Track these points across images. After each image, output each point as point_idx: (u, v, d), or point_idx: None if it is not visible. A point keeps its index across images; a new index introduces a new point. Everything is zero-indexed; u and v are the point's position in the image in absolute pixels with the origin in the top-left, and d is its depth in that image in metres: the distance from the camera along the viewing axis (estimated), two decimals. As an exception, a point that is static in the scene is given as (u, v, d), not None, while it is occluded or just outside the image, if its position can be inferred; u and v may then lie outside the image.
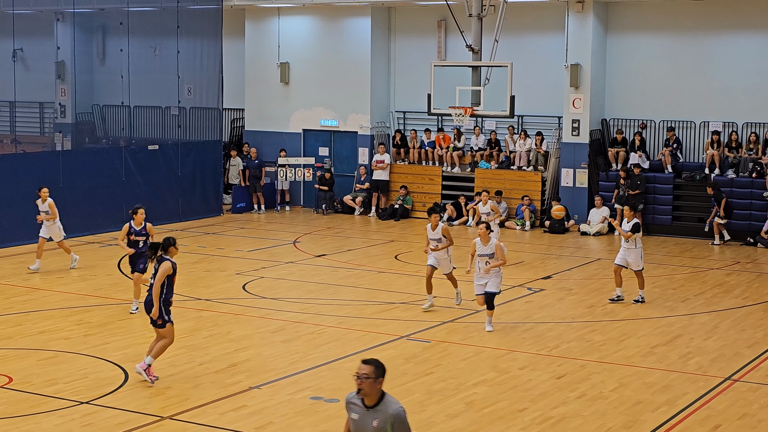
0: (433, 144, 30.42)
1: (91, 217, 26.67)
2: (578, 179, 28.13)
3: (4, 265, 23.06)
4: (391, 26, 31.05)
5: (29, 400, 13.31)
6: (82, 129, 33.35)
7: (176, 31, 29.09)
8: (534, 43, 28.59)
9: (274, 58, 31.73)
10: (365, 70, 30.64)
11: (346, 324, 17.71)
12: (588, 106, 27.76)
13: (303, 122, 31.87)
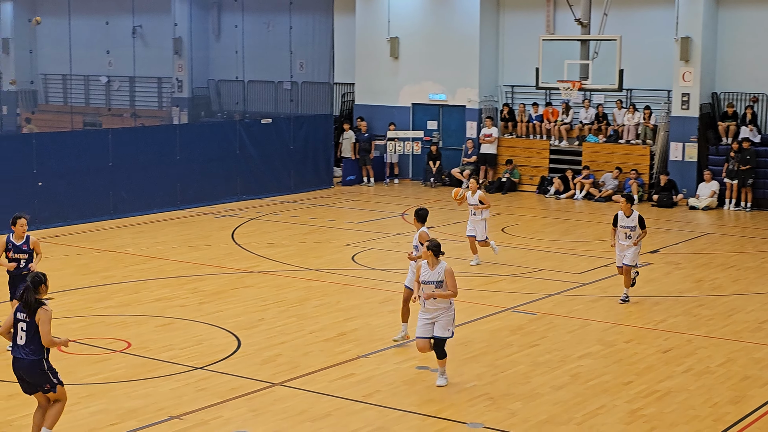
0: (541, 118, 30.93)
1: (206, 188, 27.45)
2: (687, 153, 28.45)
3: (124, 235, 23.70)
4: (500, 1, 31.58)
5: (147, 365, 13.78)
6: (198, 103, 34.23)
7: (289, 7, 29.81)
8: (643, 16, 28.83)
9: (384, 33, 32.32)
10: (474, 45, 31.13)
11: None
12: (698, 80, 28.07)
13: (412, 96, 32.47)
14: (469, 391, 12.78)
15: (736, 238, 23.92)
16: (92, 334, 15.29)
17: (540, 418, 11.73)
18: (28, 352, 9.89)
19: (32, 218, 23.47)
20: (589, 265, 20.20)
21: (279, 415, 11.94)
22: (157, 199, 26.34)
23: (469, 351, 14.54)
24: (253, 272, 19.68)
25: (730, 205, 27.88)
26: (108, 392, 12.73)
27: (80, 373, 13.39)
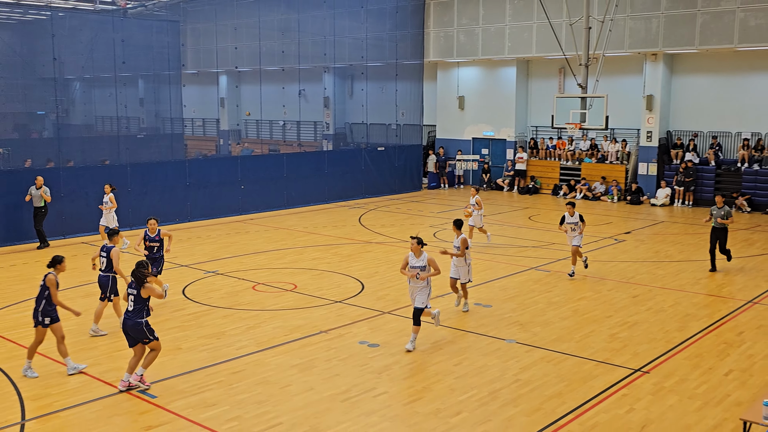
0: (555, 147, 30.75)
1: (343, 190, 27.86)
2: (650, 170, 28.01)
3: (292, 219, 23.95)
4: (529, 72, 31.38)
5: (306, 299, 14.14)
6: (338, 137, 34.59)
7: (395, 77, 30.09)
8: (621, 81, 28.44)
9: (455, 93, 32.43)
10: (511, 100, 31.05)
11: (495, 258, 17.92)
12: (657, 122, 27.70)
13: (472, 133, 32.40)
14: (506, 320, 13.09)
15: (681, 225, 23.59)
16: (273, 280, 15.66)
17: (552, 338, 12.11)
18: (132, 315, 9.45)
19: (236, 207, 24.45)
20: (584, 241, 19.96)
21: (387, 332, 12.34)
22: (313, 197, 26.98)
23: (506, 294, 14.74)
24: (371, 243, 19.99)
25: (678, 203, 27.47)
26: (283, 315, 13.24)
27: (266, 303, 13.95)
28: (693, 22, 25.83)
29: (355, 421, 8.90)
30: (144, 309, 9.48)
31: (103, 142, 29.68)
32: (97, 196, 21.03)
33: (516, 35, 29.92)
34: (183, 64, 33.77)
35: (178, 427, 8.72)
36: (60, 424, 8.78)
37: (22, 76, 33.51)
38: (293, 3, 28.75)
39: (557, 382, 10.15)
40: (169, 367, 10.60)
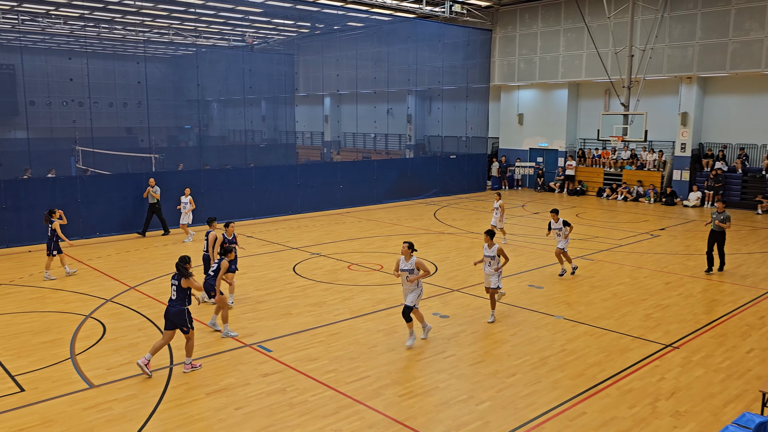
0: (600, 156, 29.74)
1: (420, 189, 27.69)
2: (683, 176, 26.75)
3: (380, 212, 23.86)
4: (578, 93, 30.46)
5: (390, 278, 12.85)
6: (418, 147, 34.23)
7: (465, 98, 29.75)
8: (659, 100, 27.27)
9: (515, 111, 31.76)
10: (563, 117, 30.20)
11: (547, 249, 17.28)
12: (691, 136, 26.41)
13: (529, 144, 31.66)
14: (555, 299, 12.76)
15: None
16: (364, 261, 15.72)
17: (594, 315, 11.71)
18: (175, 303, 8.87)
19: (335, 203, 24.80)
20: (624, 235, 19.51)
21: (456, 306, 12.26)
22: (397, 195, 26.99)
23: (555, 279, 14.36)
24: (444, 233, 19.81)
25: (707, 205, 26.07)
26: (371, 290, 13.29)
27: (358, 280, 14.06)
28: (725, 49, 24.52)
29: (428, 377, 8.91)
30: (186, 298, 8.92)
31: (234, 150, 30.65)
32: (231, 193, 21.78)
33: (568, 62, 29.14)
34: (296, 88, 34.59)
35: (288, 375, 8.94)
36: (199, 369, 9.15)
37: (174, 98, 35.00)
38: (384, 38, 28.88)
39: (598, 352, 9.85)
40: (282, 327, 10.88)
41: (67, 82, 28.08)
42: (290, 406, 8.00)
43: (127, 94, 34.97)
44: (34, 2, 25.39)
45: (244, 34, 32.36)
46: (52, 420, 7.58)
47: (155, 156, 25.38)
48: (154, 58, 36.61)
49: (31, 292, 13.02)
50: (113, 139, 31.03)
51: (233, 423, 7.58)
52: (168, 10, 27.22)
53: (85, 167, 23.95)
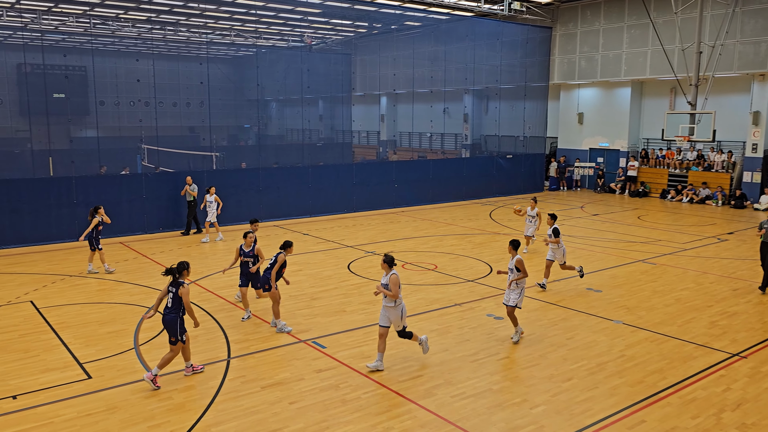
0: (664, 156, 28.80)
1: (478, 190, 27.37)
2: (754, 178, 25.60)
3: (435, 212, 23.70)
4: (642, 91, 29.55)
5: (444, 278, 14.09)
6: (475, 146, 34.17)
7: (524, 97, 29.30)
8: (729, 99, 26.23)
9: (575, 110, 31.11)
10: (625, 115, 29.36)
11: (606, 251, 16.92)
12: (763, 136, 25.22)
13: (589, 144, 30.97)
14: (614, 303, 12.46)
15: (782, 228, 21.22)
16: (418, 260, 15.74)
17: (656, 321, 11.41)
18: (169, 311, 8.48)
19: (390, 202, 24.87)
20: (688, 239, 18.79)
21: (509, 307, 12.06)
22: (453, 195, 26.82)
23: (615, 282, 14.03)
24: (500, 234, 19.46)
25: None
26: (425, 289, 13.27)
27: (412, 279, 14.06)
28: (801, 45, 23.33)
29: (481, 379, 8.84)
30: (181, 307, 8.47)
31: (292, 149, 31.16)
32: (288, 191, 22.16)
33: (631, 60, 28.29)
34: (353, 88, 34.90)
35: (341, 372, 9.03)
36: (254, 363, 9.37)
37: (234, 98, 35.91)
38: (441, 37, 28.78)
39: (659, 359, 9.54)
40: (336, 324, 11.00)
41: (135, 83, 29.18)
42: (343, 403, 8.08)
43: (190, 94, 36.09)
44: (105, 7, 26.52)
45: (302, 34, 32.84)
46: (116, 407, 7.90)
47: (216, 154, 26.09)
48: (216, 58, 37.61)
49: (98, 284, 13.61)
50: (176, 137, 32.09)
51: (287, 417, 7.71)
52: (230, 12, 27.92)
53: (152, 165, 24.84)
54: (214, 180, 20.46)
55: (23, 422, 7.51)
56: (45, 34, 27.36)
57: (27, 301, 12.24)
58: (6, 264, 15.35)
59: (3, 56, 30.73)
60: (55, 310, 11.68)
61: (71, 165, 19.76)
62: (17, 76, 31.13)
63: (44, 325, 10.89)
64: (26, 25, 26.88)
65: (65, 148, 22.52)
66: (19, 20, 26.90)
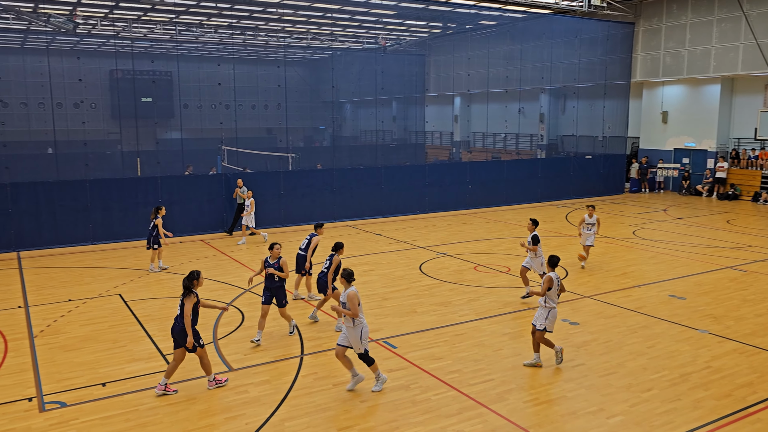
0: (757, 157, 27.17)
1: (553, 191, 26.72)
2: None
3: (510, 214, 23.37)
4: (733, 88, 28.01)
5: (517, 281, 13.43)
6: (550, 147, 33.46)
7: (603, 96, 28.45)
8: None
9: (659, 109, 29.90)
10: (714, 114, 27.92)
11: (692, 256, 16.19)
12: None
13: (673, 144, 29.66)
14: (700, 312, 11.90)
15: None
16: (491, 263, 15.59)
17: (746, 332, 10.84)
18: (179, 320, 8.26)
19: (463, 203, 24.65)
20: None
21: (586, 313, 11.79)
22: (527, 196, 26.35)
23: (701, 289, 13.38)
24: (576, 237, 18.95)
25: None
26: (498, 292, 13.10)
27: (484, 281, 13.91)
28: None
29: (555, 385, 8.63)
30: (195, 315, 8.27)
31: (365, 149, 31.49)
32: (361, 191, 22.40)
33: (721, 55, 26.88)
34: (426, 89, 34.88)
35: (412, 372, 9.05)
36: (326, 360, 9.53)
37: (310, 100, 36.66)
38: (517, 36, 28.34)
39: (749, 372, 9.03)
40: (408, 325, 11.03)
41: (216, 87, 30.32)
42: (413, 404, 8.10)
43: (268, 96, 37.13)
44: (190, 14, 27.71)
45: (377, 36, 33.13)
46: (195, 398, 8.23)
47: (292, 155, 26.73)
48: (293, 62, 38.56)
49: (181, 279, 14.21)
50: (254, 139, 33.09)
51: (358, 415, 7.80)
52: (306, 15, 28.54)
53: (231, 165, 25.73)
54: (290, 180, 20.98)
55: (110, 409, 7.95)
56: (135, 41, 28.88)
57: (116, 294, 12.96)
58: (98, 259, 16.31)
59: (97, 63, 32.69)
60: (141, 303, 12.30)
61: (157, 165, 20.77)
62: (109, 81, 33.03)
63: (131, 317, 11.50)
64: (118, 33, 28.48)
65: (151, 150, 23.74)
66: (112, 29, 28.55)
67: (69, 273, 14.82)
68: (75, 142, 25.53)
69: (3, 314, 11.72)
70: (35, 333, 10.72)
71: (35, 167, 22.68)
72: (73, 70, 28.51)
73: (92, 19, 27.21)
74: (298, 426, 7.54)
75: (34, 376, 8.90)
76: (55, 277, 14.39)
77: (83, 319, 11.44)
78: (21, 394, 8.34)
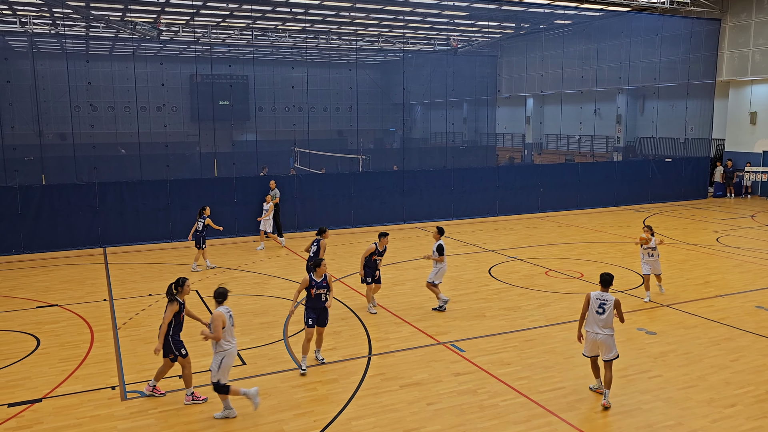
0: None
1: (630, 195, 25.70)
2: None
3: (583, 218, 22.78)
4: (832, 86, 26.67)
5: (590, 287, 13.24)
6: (628, 149, 32.47)
7: (686, 96, 27.34)
8: None
9: (747, 109, 28.30)
10: (810, 115, 26.59)
11: None
12: None
13: (763, 146, 27.94)
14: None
15: None
16: (563, 268, 15.25)
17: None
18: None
19: (535, 206, 24.20)
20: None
21: (665, 322, 11.36)
22: (602, 200, 25.65)
23: (790, 300, 12.56)
24: (654, 243, 18.35)
25: None
26: (569, 298, 12.74)
27: (556, 287, 13.63)
28: None
29: (630, 396, 8.34)
30: (172, 324, 8.06)
31: (435, 152, 31.44)
32: (430, 194, 22.39)
33: (818, 52, 25.26)
34: (498, 90, 34.46)
35: (480, 377, 8.97)
36: (394, 361, 9.58)
37: (380, 102, 36.96)
38: (594, 35, 27.57)
39: None
40: (476, 329, 10.95)
41: (289, 90, 31.06)
42: (480, 408, 8.02)
43: (340, 99, 37.76)
44: (266, 19, 28.53)
45: (448, 37, 33.02)
46: (266, 393, 8.47)
47: (362, 157, 27.01)
48: (364, 64, 38.95)
49: (254, 277, 14.67)
50: (326, 141, 33.71)
51: (424, 417, 7.80)
52: (378, 18, 28.81)
53: (303, 167, 26.29)
54: (360, 182, 21.22)
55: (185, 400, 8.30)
56: (213, 47, 30.01)
57: (192, 291, 13.48)
58: (176, 256, 17.04)
59: (178, 68, 34.16)
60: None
61: (233, 166, 21.48)
62: (189, 85, 34.46)
63: (207, 313, 11.94)
64: (198, 39, 29.68)
65: (228, 151, 24.52)
66: (192, 36, 29.77)
67: (150, 269, 15.55)
68: (157, 144, 26.78)
69: (90, 306, 12.44)
70: (119, 325, 11.29)
71: (121, 168, 23.94)
72: (156, 75, 29.93)
73: (174, 26, 28.48)
74: (364, 425, 7.61)
75: (117, 366, 9.40)
76: (137, 273, 15.14)
77: (162, 313, 11.94)
78: (105, 382, 8.82)
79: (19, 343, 10.44)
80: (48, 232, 17.46)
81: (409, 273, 14.84)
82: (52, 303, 12.63)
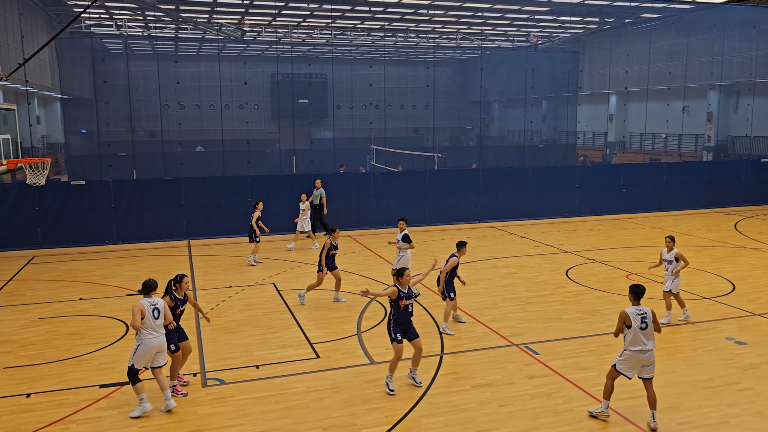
0: None
1: (721, 197, 24.45)
2: None
3: (667, 221, 21.84)
4: None
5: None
6: (719, 149, 30.97)
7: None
8: None
9: None
10: None
11: None
12: None
13: None
14: None
15: None
16: (644, 272, 14.69)
17: None
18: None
19: (616, 207, 23.21)
20: None
21: (757, 332, 10.72)
22: (690, 202, 24.25)
23: None
24: (746, 248, 17.35)
25: None
26: (651, 303, 12.31)
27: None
28: None
29: (715, 409, 7.92)
30: (174, 318, 8.24)
31: (512, 150, 30.92)
32: (507, 193, 22.04)
33: None
34: (579, 87, 33.46)
35: (554, 381, 8.77)
36: (466, 361, 9.52)
37: (457, 100, 36.73)
38: (683, 29, 26.32)
39: None
40: (551, 332, 10.71)
41: (367, 88, 31.39)
42: (555, 413, 7.85)
43: (416, 97, 37.79)
44: (345, 19, 28.95)
45: (528, 34, 32.37)
46: (339, 387, 8.62)
47: (438, 155, 26.94)
48: (441, 62, 38.82)
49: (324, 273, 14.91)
50: (402, 139, 33.82)
51: (496, 419, 7.72)
52: (457, 15, 28.62)
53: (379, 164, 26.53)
54: (436, 180, 21.17)
55: (261, 390, 8.58)
56: (294, 46, 30.74)
57: (270, 284, 13.92)
58: (256, 249, 17.59)
59: (261, 68, 35.25)
60: (293, 293, 13.09)
61: (311, 163, 21.96)
62: (270, 84, 35.48)
63: (283, 305, 12.29)
64: (279, 39, 30.52)
65: (306, 149, 25.14)
66: (274, 36, 30.64)
67: (230, 261, 16.15)
68: (239, 141, 27.73)
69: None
70: (200, 315, 11.79)
71: (205, 164, 24.96)
72: (239, 74, 31.01)
73: (257, 27, 29.39)
74: (435, 424, 7.62)
75: (198, 354, 9.82)
76: (218, 265, 15.76)
77: (241, 304, 12.41)
78: (187, 369, 9.23)
79: (110, 328, 11.09)
80: (137, 225, 18.46)
81: (483, 272, 14.69)
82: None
